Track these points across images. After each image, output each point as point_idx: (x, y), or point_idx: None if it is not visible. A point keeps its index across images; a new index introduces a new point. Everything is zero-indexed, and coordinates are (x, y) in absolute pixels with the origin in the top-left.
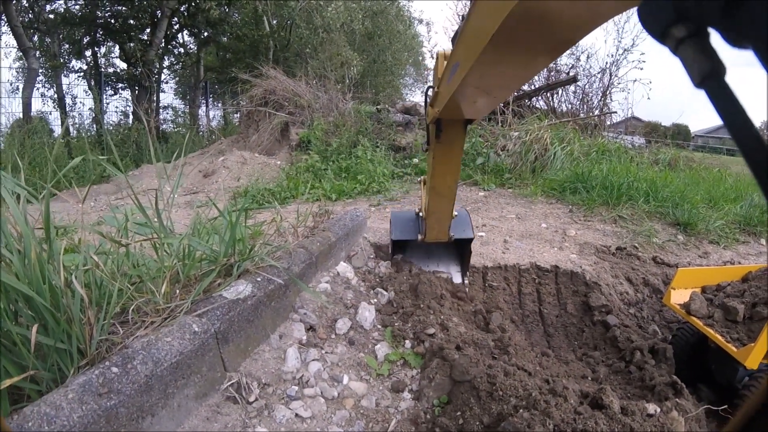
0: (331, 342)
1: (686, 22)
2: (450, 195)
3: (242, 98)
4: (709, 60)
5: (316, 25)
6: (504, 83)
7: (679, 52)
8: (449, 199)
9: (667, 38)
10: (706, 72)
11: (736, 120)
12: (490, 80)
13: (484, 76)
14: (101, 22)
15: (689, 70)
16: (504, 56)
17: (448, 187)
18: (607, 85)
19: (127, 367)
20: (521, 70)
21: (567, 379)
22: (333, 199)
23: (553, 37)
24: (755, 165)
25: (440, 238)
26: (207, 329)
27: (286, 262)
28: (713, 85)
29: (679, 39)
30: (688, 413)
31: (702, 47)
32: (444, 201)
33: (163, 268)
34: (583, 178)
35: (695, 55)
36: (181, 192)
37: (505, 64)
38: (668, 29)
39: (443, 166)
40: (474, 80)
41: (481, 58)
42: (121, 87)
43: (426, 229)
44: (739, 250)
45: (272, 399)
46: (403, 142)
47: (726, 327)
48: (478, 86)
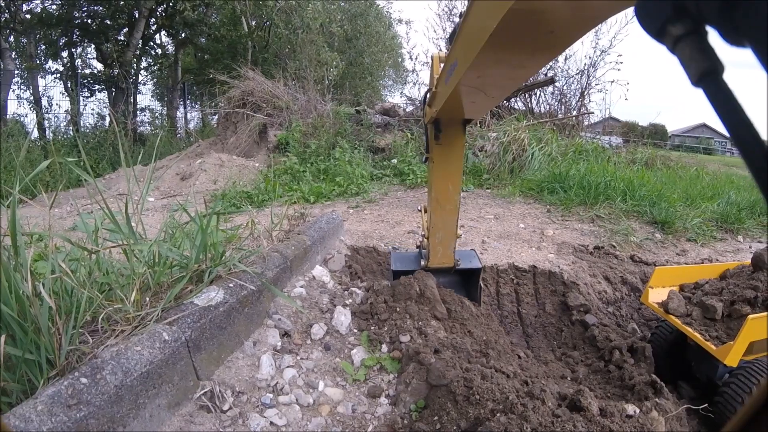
0: (306, 348)
1: (684, 20)
2: (453, 208)
3: (220, 100)
4: (707, 58)
5: (295, 26)
6: (502, 83)
7: (676, 50)
8: (452, 212)
9: (665, 36)
10: (704, 70)
11: (735, 119)
12: (488, 79)
13: (482, 75)
14: (78, 23)
15: (687, 68)
16: (502, 55)
17: (450, 197)
18: (584, 85)
19: (96, 377)
20: (519, 70)
21: (546, 380)
22: (311, 202)
23: (550, 36)
24: (754, 165)
25: (445, 262)
26: (178, 337)
27: (259, 267)
28: (711, 84)
29: (676, 37)
30: (668, 413)
31: (700, 46)
32: (447, 215)
33: (132, 275)
34: (560, 178)
35: (693, 54)
36: (159, 195)
37: (503, 64)
38: (666, 27)
39: (444, 171)
40: (472, 79)
41: (479, 57)
42: (98, 89)
43: (429, 251)
44: (716, 247)
45: (246, 407)
46: (382, 143)
47: (704, 325)
48: (476, 85)
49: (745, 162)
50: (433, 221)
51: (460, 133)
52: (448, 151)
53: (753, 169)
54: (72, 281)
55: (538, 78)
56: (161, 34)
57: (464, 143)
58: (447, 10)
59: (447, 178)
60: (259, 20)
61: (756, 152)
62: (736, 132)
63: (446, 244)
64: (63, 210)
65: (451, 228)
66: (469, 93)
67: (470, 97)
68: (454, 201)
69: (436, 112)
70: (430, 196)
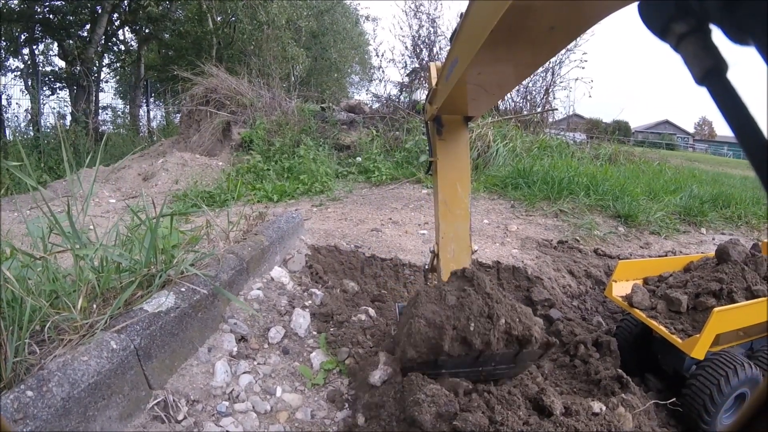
0: (263, 352)
1: (687, 19)
2: (464, 213)
3: (183, 97)
4: (710, 56)
5: (260, 21)
6: (503, 79)
7: (680, 48)
8: (464, 218)
9: (668, 35)
10: (707, 68)
11: (738, 116)
12: (489, 77)
13: (482, 72)
14: (39, 18)
15: (690, 66)
16: (502, 53)
17: (460, 200)
18: (549, 83)
19: (42, 390)
20: (519, 68)
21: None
22: (275, 201)
23: (550, 33)
24: (756, 161)
25: None
26: (126, 346)
27: (213, 270)
28: (715, 82)
29: (680, 35)
30: (635, 408)
31: (703, 44)
32: (459, 221)
33: (79, 281)
34: (524, 174)
35: (697, 52)
36: (120, 197)
37: (503, 62)
38: (669, 25)
39: (451, 170)
40: (473, 77)
41: (480, 54)
42: (59, 87)
43: (441, 270)
44: (680, 240)
45: (202, 416)
46: (348, 140)
47: (670, 318)
48: (477, 83)
49: (748, 158)
50: (443, 231)
51: (463, 128)
52: (453, 147)
53: (755, 165)
54: (17, 289)
55: None
56: (124, 30)
57: (468, 140)
58: (413, 8)
59: (455, 177)
60: (224, 16)
61: (759, 149)
62: (739, 129)
63: (460, 259)
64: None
65: (464, 238)
66: (470, 90)
67: (471, 94)
68: (464, 205)
69: (437, 110)
70: (438, 201)
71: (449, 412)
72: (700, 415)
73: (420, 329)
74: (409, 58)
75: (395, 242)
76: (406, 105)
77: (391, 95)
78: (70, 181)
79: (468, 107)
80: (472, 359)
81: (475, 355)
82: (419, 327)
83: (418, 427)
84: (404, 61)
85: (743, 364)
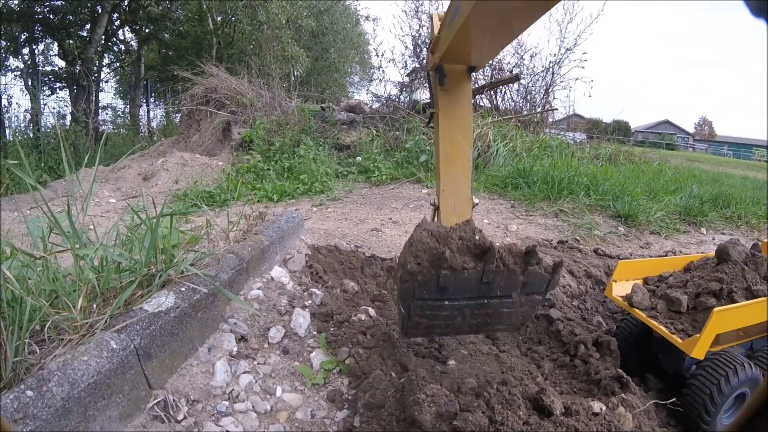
0: (263, 352)
1: None
2: (465, 164)
3: (183, 97)
4: None
5: (260, 21)
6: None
7: None
8: (465, 171)
9: None
10: None
11: None
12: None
13: (485, 16)
14: (39, 18)
15: None
16: None
17: (462, 151)
18: (549, 83)
19: (42, 389)
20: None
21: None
22: (275, 200)
23: None
24: None
25: None
26: (126, 345)
27: (213, 270)
28: None
29: None
30: (635, 408)
31: None
32: (459, 174)
33: (79, 281)
34: (524, 174)
35: None
36: (120, 196)
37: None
38: None
39: (452, 120)
40: (475, 21)
41: None
42: (59, 87)
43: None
44: (680, 239)
45: (202, 416)
46: (348, 140)
47: (670, 318)
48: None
49: None
50: (443, 183)
51: (465, 78)
52: (455, 97)
53: None
54: (17, 289)
55: (503, 75)
56: (124, 30)
57: (471, 91)
58: (414, 7)
59: (456, 128)
60: (225, 16)
61: None
62: None
63: (461, 212)
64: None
65: (464, 192)
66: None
67: (475, 40)
68: (466, 156)
69: (440, 58)
70: (438, 153)
71: (449, 411)
72: (700, 415)
73: (422, 238)
74: (410, 57)
75: (395, 242)
76: (406, 105)
77: (391, 95)
78: (69, 180)
79: (471, 55)
80: (476, 281)
81: (479, 275)
82: (421, 236)
83: (418, 427)
84: (404, 61)
85: (743, 364)
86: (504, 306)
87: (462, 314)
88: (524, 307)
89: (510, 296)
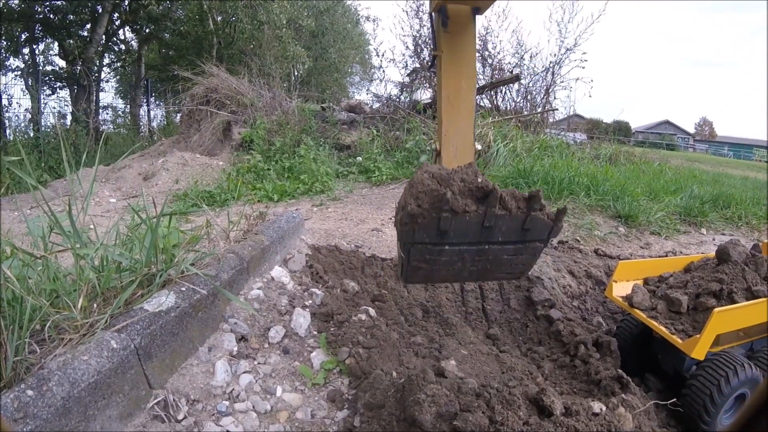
0: (264, 352)
1: None
2: (468, 109)
3: (184, 97)
4: None
5: (260, 21)
6: None
7: None
8: (468, 115)
9: None
10: None
11: None
12: None
13: None
14: (40, 18)
15: None
16: None
17: (465, 96)
18: (549, 83)
19: (42, 389)
20: None
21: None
22: (275, 200)
23: None
24: None
25: None
26: (126, 345)
27: (214, 270)
28: None
29: None
30: (635, 409)
31: None
32: (462, 118)
33: (79, 280)
34: (525, 174)
35: None
36: (120, 196)
37: None
38: None
39: (455, 63)
40: None
41: None
42: (60, 86)
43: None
44: (680, 240)
45: (202, 416)
46: (348, 140)
47: (670, 318)
48: None
49: None
50: (445, 128)
51: (469, 20)
52: (458, 39)
53: None
54: (17, 288)
55: (503, 75)
56: (125, 30)
57: (475, 34)
58: (414, 8)
59: (459, 71)
60: (225, 16)
61: None
62: None
63: (463, 157)
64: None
65: (467, 136)
66: None
67: None
68: (468, 101)
69: None
70: (440, 97)
71: (449, 412)
72: (700, 415)
73: (423, 180)
74: (410, 58)
75: (396, 242)
76: (407, 105)
77: (392, 95)
78: (70, 180)
79: None
80: (477, 225)
81: (481, 219)
82: (422, 178)
83: (418, 427)
84: (405, 61)
85: (743, 364)
86: (505, 252)
87: (462, 260)
88: (525, 254)
89: (512, 242)
